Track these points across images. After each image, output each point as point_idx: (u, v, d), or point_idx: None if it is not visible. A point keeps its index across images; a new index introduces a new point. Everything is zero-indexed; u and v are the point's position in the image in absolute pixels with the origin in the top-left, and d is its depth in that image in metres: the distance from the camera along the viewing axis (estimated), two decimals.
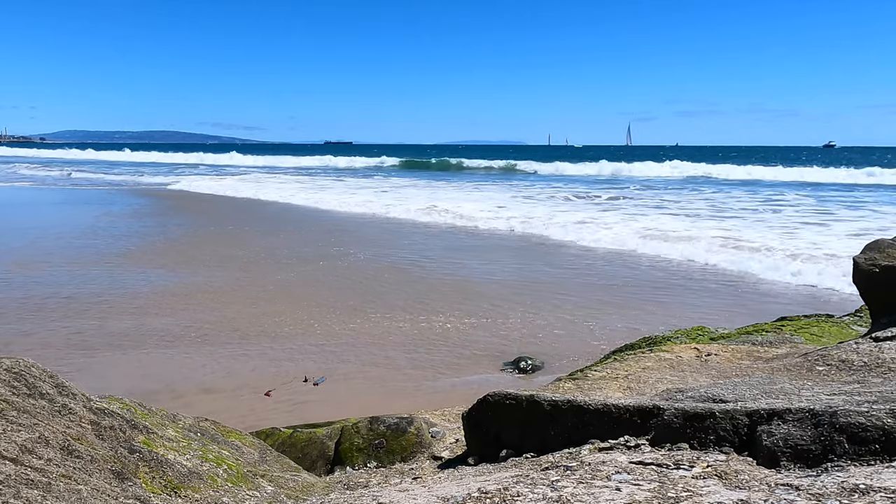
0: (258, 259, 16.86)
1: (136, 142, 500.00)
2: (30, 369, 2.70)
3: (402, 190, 40.95)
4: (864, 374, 3.92)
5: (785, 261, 15.83)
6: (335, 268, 15.92)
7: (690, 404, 2.96)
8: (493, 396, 3.58)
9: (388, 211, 28.63)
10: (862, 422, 2.42)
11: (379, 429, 4.88)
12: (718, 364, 5.31)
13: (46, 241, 19.09)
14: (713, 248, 17.84)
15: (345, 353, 9.71)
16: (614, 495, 2.25)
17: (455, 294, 13.22)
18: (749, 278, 15.11)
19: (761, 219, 25.87)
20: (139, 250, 17.81)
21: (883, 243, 5.51)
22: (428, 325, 11.03)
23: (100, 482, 2.17)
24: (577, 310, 12.08)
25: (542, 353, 9.68)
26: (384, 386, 8.55)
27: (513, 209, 28.72)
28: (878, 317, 5.28)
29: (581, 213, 27.06)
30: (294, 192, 38.51)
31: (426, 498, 2.53)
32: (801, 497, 2.07)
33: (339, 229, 23.29)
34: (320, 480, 3.80)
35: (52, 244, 18.49)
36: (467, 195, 36.91)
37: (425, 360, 9.47)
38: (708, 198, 36.05)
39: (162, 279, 14.33)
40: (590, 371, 5.73)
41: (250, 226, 23.85)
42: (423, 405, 7.29)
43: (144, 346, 9.79)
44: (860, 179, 51.78)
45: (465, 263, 16.69)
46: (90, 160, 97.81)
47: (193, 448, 3.09)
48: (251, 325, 10.90)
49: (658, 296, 13.26)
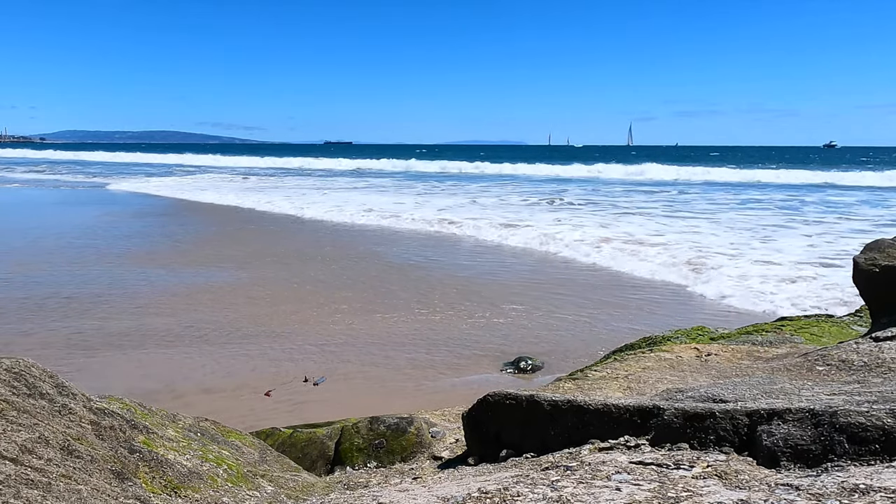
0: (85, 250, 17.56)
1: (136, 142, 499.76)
2: (30, 369, 2.70)
3: (341, 193, 41.44)
4: (865, 374, 3.92)
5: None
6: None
7: (690, 404, 2.96)
8: (493, 396, 3.58)
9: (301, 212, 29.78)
10: (862, 422, 2.42)
11: (379, 429, 4.88)
12: (718, 364, 5.31)
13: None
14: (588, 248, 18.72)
15: (345, 352, 9.72)
16: (614, 495, 2.25)
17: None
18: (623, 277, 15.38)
19: (665, 222, 25.58)
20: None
21: (883, 243, 5.50)
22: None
23: (100, 482, 2.17)
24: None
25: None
26: (384, 386, 8.55)
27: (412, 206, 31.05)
28: (878, 317, 5.28)
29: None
30: (226, 192, 40.42)
31: (426, 498, 2.53)
32: (801, 497, 2.07)
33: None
34: (320, 480, 3.80)
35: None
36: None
37: (425, 359, 9.48)
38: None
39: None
40: (590, 371, 5.73)
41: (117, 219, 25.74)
42: (423, 405, 7.29)
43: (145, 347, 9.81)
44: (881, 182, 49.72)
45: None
46: (66, 160, 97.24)
47: (193, 448, 3.09)
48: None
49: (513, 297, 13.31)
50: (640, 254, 17.54)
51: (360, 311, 11.91)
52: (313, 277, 14.88)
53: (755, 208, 31.43)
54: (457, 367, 9.20)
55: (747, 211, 30.07)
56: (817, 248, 19.10)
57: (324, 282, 14.46)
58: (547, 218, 26.65)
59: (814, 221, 25.93)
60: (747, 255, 17.46)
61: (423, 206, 31.11)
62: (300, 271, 15.58)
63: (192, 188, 43.67)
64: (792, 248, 18.88)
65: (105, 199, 36.16)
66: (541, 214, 28.21)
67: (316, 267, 16.19)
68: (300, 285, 14.08)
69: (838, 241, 20.32)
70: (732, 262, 16.43)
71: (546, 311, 11.96)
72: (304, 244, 20.09)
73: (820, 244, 19.81)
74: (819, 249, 18.68)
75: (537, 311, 11.95)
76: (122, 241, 20.07)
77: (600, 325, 11.12)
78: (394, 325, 11.06)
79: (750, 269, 15.58)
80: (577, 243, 19.50)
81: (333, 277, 14.92)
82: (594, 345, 9.89)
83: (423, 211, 28.77)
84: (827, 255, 17.71)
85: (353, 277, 14.92)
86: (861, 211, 30.22)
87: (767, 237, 21.22)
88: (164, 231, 22.66)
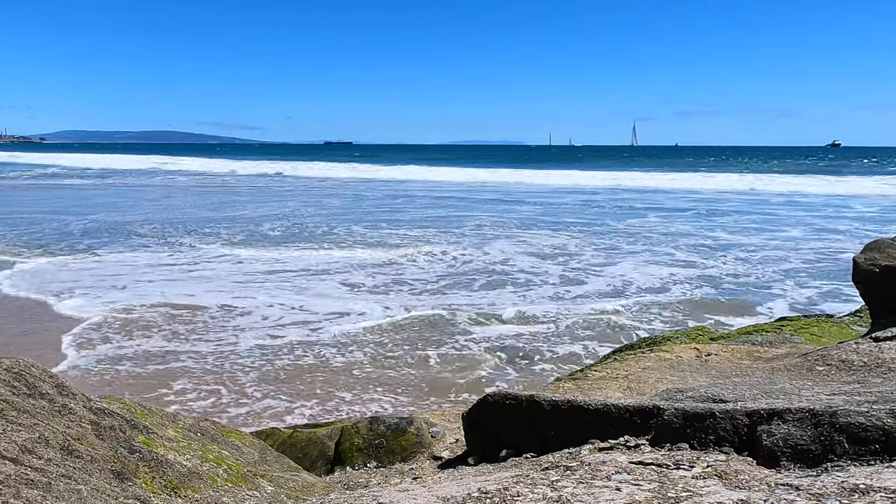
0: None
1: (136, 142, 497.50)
2: (30, 369, 2.70)
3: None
4: (864, 374, 3.91)
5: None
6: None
7: (690, 404, 2.96)
8: (493, 396, 3.58)
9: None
10: (862, 422, 2.42)
11: (379, 429, 4.88)
12: (718, 364, 5.31)
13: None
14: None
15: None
16: (614, 495, 2.25)
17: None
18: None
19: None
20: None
21: (883, 243, 5.50)
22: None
23: (100, 482, 2.17)
24: None
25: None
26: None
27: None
28: (878, 317, 5.28)
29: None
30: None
31: (426, 498, 2.52)
32: (801, 497, 2.07)
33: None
34: (320, 480, 3.80)
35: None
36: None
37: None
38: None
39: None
40: (590, 371, 5.73)
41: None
42: (424, 405, 7.29)
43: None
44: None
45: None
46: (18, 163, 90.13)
47: (193, 448, 3.09)
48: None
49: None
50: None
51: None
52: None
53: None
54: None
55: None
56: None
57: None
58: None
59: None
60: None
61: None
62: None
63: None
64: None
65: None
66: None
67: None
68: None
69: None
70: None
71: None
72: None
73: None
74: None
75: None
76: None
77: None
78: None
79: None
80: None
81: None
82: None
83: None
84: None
85: None
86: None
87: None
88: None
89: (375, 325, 11.08)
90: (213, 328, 10.80)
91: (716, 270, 15.86)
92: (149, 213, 28.41)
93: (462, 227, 23.79)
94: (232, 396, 8.14)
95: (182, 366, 9.03)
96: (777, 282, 14.60)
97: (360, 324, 11.10)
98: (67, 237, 20.49)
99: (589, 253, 18.29)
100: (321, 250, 18.61)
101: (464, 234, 22.07)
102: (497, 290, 13.71)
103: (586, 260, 17.21)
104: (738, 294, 13.44)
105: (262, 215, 27.87)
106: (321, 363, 9.29)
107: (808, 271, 15.81)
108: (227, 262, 16.59)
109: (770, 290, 13.75)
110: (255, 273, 15.21)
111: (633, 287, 14.03)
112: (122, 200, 34.37)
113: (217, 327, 10.83)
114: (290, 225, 24.53)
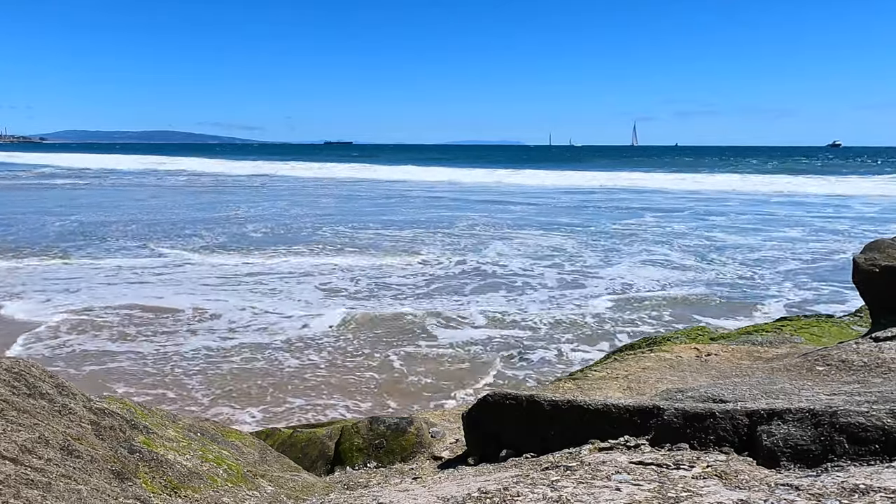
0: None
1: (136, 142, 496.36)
2: (30, 369, 2.70)
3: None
4: (864, 374, 3.91)
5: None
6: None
7: (690, 404, 2.96)
8: (493, 396, 3.58)
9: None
10: (862, 422, 2.42)
11: (379, 429, 4.87)
12: (718, 364, 5.31)
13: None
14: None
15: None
16: (614, 495, 2.25)
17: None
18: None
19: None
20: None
21: (883, 243, 5.50)
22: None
23: (100, 482, 2.17)
24: None
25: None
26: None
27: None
28: (878, 317, 5.28)
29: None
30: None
31: (426, 498, 2.52)
32: (801, 497, 2.07)
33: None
34: (320, 480, 3.80)
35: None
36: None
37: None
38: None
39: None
40: (590, 371, 5.73)
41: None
42: (423, 405, 7.30)
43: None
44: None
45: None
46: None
47: (193, 448, 3.09)
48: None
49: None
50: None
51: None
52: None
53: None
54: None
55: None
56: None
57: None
58: None
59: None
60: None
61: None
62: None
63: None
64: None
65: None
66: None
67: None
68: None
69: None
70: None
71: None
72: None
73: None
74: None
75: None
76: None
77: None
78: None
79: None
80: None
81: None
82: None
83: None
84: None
85: None
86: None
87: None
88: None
89: (351, 326, 10.98)
90: (166, 330, 10.62)
91: (715, 271, 15.84)
92: (134, 213, 27.92)
93: (452, 228, 23.70)
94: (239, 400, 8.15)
95: (126, 367, 8.91)
96: (776, 282, 14.59)
97: (341, 327, 10.94)
98: (43, 239, 20.07)
99: (587, 254, 18.24)
100: (308, 254, 18.29)
101: (454, 234, 21.99)
102: (488, 293, 13.63)
103: (581, 261, 17.15)
104: (738, 294, 13.44)
105: (252, 216, 27.49)
106: (293, 368, 9.17)
107: (807, 272, 15.80)
108: (194, 266, 16.25)
109: (769, 291, 13.75)
110: (230, 276, 14.87)
111: (633, 288, 14.01)
112: (108, 200, 34.16)
113: (169, 330, 10.63)
114: (274, 226, 24.16)
